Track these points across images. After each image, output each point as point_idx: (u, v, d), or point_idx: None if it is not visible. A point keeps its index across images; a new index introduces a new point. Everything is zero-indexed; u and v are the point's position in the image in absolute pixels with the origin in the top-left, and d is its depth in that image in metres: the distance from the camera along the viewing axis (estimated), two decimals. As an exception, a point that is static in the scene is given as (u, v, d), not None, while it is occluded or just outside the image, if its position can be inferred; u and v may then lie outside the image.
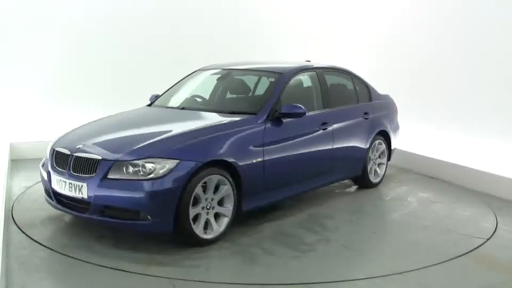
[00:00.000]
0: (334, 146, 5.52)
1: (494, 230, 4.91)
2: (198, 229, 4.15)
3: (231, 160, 4.33)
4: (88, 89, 8.04)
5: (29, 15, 7.68)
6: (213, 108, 5.29)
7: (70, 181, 4.19)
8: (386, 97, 6.70)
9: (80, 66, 8.03)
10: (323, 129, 5.38)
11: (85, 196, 4.08)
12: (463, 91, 7.15)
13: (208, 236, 4.24)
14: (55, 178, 4.38)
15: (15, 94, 7.70)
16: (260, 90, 5.59)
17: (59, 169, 4.38)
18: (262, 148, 4.63)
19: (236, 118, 4.76)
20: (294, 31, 9.39)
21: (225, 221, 4.36)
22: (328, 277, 3.76)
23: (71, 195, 4.20)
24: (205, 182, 4.17)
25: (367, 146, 6.04)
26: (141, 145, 4.17)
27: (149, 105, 5.73)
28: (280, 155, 4.85)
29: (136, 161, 3.99)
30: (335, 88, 5.97)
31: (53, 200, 4.48)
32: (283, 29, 9.28)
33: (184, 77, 6.04)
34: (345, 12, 9.56)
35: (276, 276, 3.76)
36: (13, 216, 4.87)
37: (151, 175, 3.93)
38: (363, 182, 6.21)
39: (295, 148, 5.06)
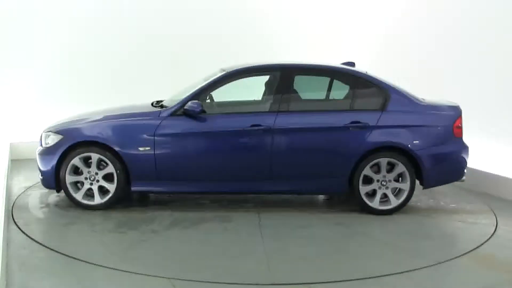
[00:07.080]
0: (274, 153, 5.09)
1: (494, 230, 4.91)
2: (77, 194, 5.07)
3: (111, 143, 5.00)
4: (88, 89, 8.03)
5: (29, 15, 7.68)
6: (164, 103, 5.53)
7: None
8: (432, 108, 5.39)
9: (80, 66, 8.03)
10: (254, 132, 5.06)
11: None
12: (463, 90, 7.14)
13: (89, 202, 5.10)
14: None
15: (15, 94, 7.71)
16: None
17: None
18: (153, 139, 5.03)
19: (149, 110, 5.29)
20: (294, 30, 9.38)
21: (108, 194, 5.08)
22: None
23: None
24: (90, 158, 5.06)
25: (355, 161, 5.11)
26: (55, 123, 5.37)
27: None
28: (176, 149, 5.10)
29: (47, 133, 5.21)
30: (308, 91, 5.60)
31: None
32: (284, 29, 9.27)
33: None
34: (347, 11, 9.57)
35: (78, 250, 4.08)
36: (13, 216, 4.88)
37: (47, 145, 5.13)
38: (360, 206, 5.25)
39: (201, 145, 5.15)
